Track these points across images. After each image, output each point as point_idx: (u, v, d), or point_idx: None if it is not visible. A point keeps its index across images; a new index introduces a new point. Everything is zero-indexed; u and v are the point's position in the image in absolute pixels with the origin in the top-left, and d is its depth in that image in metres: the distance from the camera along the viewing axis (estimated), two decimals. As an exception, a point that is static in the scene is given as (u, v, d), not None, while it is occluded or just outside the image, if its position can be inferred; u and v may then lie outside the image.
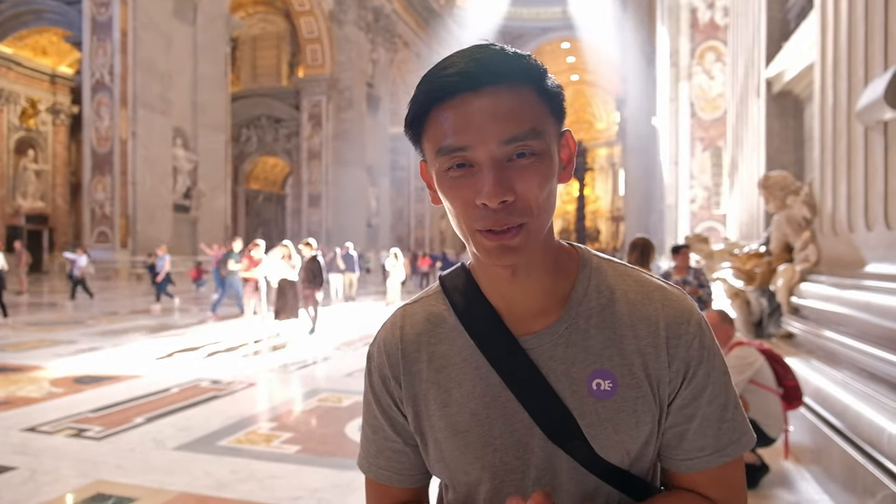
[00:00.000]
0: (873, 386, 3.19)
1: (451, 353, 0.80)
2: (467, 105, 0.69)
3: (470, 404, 0.77)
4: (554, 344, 0.76)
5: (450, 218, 0.75)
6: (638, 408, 0.75)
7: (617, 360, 0.75)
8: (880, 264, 3.52)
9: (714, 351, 0.78)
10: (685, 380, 0.76)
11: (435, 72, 0.72)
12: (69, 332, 9.67)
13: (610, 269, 0.82)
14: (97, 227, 20.86)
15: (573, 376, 0.75)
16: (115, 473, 3.59)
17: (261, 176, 36.68)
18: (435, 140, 0.72)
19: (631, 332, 0.76)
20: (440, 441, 0.79)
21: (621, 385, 0.75)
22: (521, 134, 0.69)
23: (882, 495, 2.61)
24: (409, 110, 0.75)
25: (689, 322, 0.77)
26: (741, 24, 8.71)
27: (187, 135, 23.03)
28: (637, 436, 0.75)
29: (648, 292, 0.79)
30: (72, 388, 5.84)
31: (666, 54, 16.66)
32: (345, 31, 31.90)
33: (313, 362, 7.52)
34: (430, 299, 0.85)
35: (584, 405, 0.75)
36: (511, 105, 0.69)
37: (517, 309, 0.78)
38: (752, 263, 6.05)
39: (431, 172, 0.75)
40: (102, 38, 20.92)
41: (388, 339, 0.84)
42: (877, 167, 3.56)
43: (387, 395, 0.83)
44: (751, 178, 7.58)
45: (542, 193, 0.71)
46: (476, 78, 0.69)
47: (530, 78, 0.72)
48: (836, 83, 4.21)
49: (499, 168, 0.69)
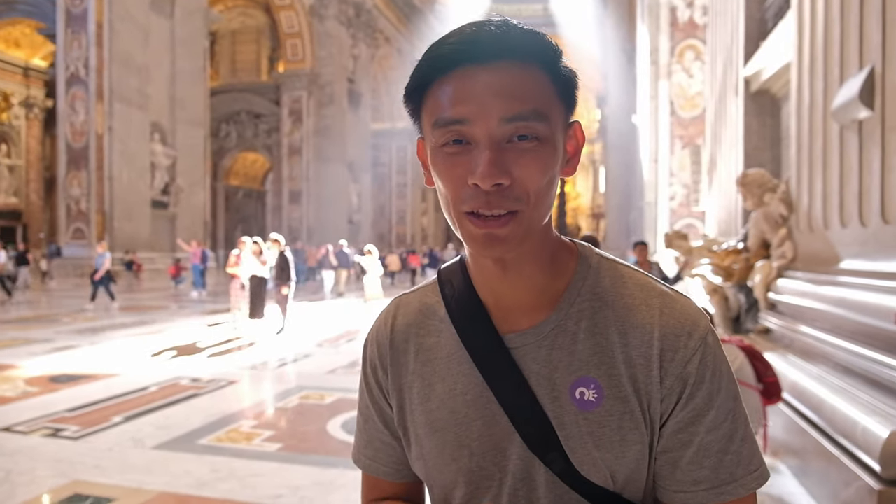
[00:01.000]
0: (848, 380, 3.26)
1: (437, 347, 0.77)
2: (470, 77, 0.65)
3: (450, 402, 0.73)
4: (538, 345, 0.71)
5: (440, 199, 0.71)
6: (624, 424, 0.68)
7: (604, 370, 0.69)
8: (854, 261, 3.59)
9: (721, 372, 0.69)
10: (680, 400, 0.68)
11: (440, 41, 0.68)
12: (44, 330, 9.51)
13: (611, 270, 0.75)
14: (73, 223, 20.51)
15: (555, 382, 0.70)
16: (92, 473, 3.54)
17: (241, 172, 36.32)
18: (433, 112, 0.67)
19: (621, 340, 0.69)
20: (420, 437, 0.75)
21: (607, 397, 0.68)
22: (525, 113, 0.64)
23: (856, 486, 2.67)
24: (410, 80, 0.70)
25: (689, 335, 0.68)
26: (720, 22, 8.80)
27: (165, 130, 22.72)
28: (621, 456, 0.68)
29: (648, 298, 0.71)
30: (47, 387, 5.75)
31: (646, 52, 16.80)
32: (325, 25, 31.66)
33: (295, 360, 7.48)
34: (426, 290, 0.82)
35: (565, 414, 0.69)
36: (517, 82, 0.64)
37: (506, 304, 0.73)
38: (730, 260, 6.13)
39: (427, 149, 0.71)
40: (77, 31, 20.53)
41: (380, 329, 0.82)
42: (852, 165, 3.62)
43: (376, 386, 0.80)
44: (729, 176, 7.68)
45: (542, 181, 0.66)
46: (482, 49, 0.65)
47: (542, 57, 0.67)
48: (813, 82, 4.27)
49: (497, 148, 0.64)
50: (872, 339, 3.10)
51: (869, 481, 2.57)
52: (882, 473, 2.53)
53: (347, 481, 3.52)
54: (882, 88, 3.22)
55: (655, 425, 0.69)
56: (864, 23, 3.45)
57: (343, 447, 4.13)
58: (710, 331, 0.70)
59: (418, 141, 0.75)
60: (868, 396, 2.96)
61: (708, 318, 0.71)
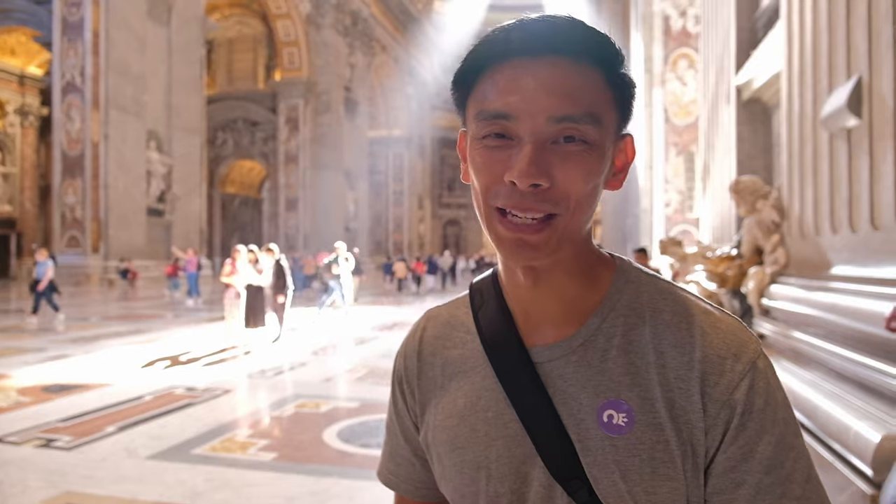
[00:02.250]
0: (841, 385, 3.27)
1: (462, 360, 0.72)
2: (522, 70, 0.60)
3: (471, 418, 0.68)
4: (565, 360, 0.65)
5: (473, 197, 0.66)
6: (655, 455, 0.60)
7: (637, 392, 0.62)
8: (845, 266, 3.62)
9: (776, 401, 0.61)
10: (728, 431, 0.60)
11: (494, 32, 0.63)
12: (37, 339, 9.47)
13: (651, 284, 0.68)
14: (67, 231, 20.50)
15: (582, 402, 0.63)
16: (85, 484, 3.53)
17: (237, 180, 36.34)
18: (478, 103, 0.63)
19: (658, 360, 0.63)
20: (441, 456, 0.70)
21: (638, 422, 0.61)
22: (576, 115, 0.59)
23: (850, 492, 2.68)
24: (461, 66, 0.65)
25: (736, 357, 0.61)
26: (711, 32, 8.87)
27: (161, 138, 22.75)
28: (651, 492, 0.60)
29: (690, 315, 0.64)
30: (40, 396, 5.73)
31: (640, 61, 16.88)
32: (322, 34, 31.79)
33: (290, 368, 7.47)
34: (457, 302, 0.78)
35: (590, 439, 0.62)
36: (571, 81, 0.60)
37: (534, 316, 0.68)
38: (724, 266, 6.15)
39: (468, 140, 0.66)
40: (73, 39, 20.60)
41: (408, 342, 0.79)
42: (841, 173, 3.66)
43: (401, 399, 0.77)
44: (722, 183, 7.72)
45: (584, 188, 0.61)
46: (539, 42, 0.60)
47: (602, 59, 0.62)
48: (802, 91, 4.31)
49: (540, 147, 0.59)
50: (864, 345, 3.12)
51: (862, 486, 2.58)
52: (874, 478, 2.55)
53: (342, 490, 3.52)
54: (869, 97, 3.26)
55: (699, 460, 0.60)
56: (851, 33, 3.49)
57: (339, 456, 4.12)
58: (760, 354, 0.63)
59: (461, 133, 0.70)
60: (860, 401, 2.98)
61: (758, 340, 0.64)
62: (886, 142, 3.09)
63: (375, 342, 9.80)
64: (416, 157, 44.71)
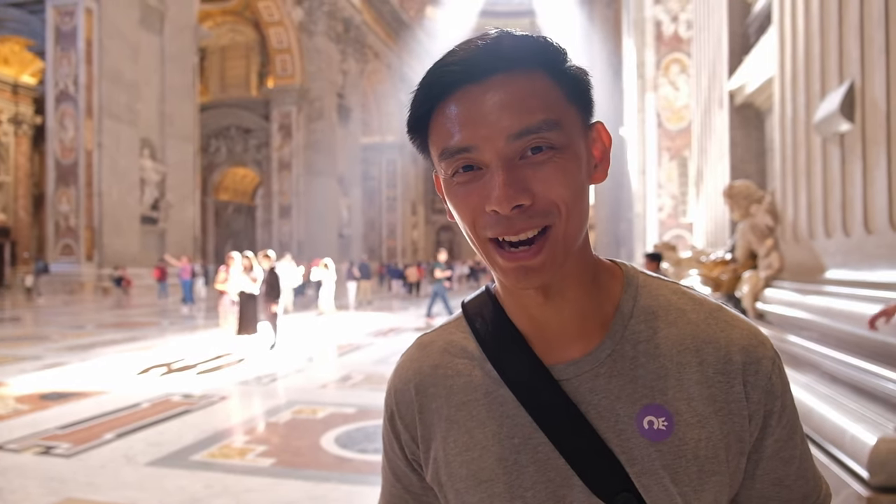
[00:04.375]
0: (836, 388, 3.30)
1: (471, 388, 0.68)
2: (469, 98, 0.59)
3: (495, 448, 0.65)
4: (594, 374, 0.63)
5: (463, 233, 0.64)
6: (701, 453, 0.61)
7: (673, 394, 0.62)
8: (839, 270, 3.65)
9: (787, 382, 0.65)
10: (772, 415, 0.63)
11: (435, 65, 0.62)
12: (34, 347, 9.43)
13: (660, 286, 0.69)
14: (61, 239, 20.42)
15: (619, 413, 0.62)
16: (85, 491, 3.52)
17: (230, 187, 36.29)
18: (438, 143, 0.62)
19: (695, 359, 0.63)
20: (461, 492, 0.66)
21: (679, 423, 0.61)
22: (534, 125, 0.58)
23: (845, 493, 2.70)
24: (409, 112, 0.64)
25: (764, 345, 0.64)
26: (704, 37, 8.95)
27: (155, 145, 22.72)
28: (700, 489, 0.61)
29: (711, 311, 0.66)
30: (38, 404, 5.71)
31: (632, 66, 17.00)
32: (315, 41, 31.85)
33: (286, 375, 7.46)
34: (449, 327, 0.73)
35: (634, 448, 0.61)
36: (519, 94, 0.58)
37: (549, 334, 0.66)
38: (718, 270, 6.20)
39: (442, 182, 0.65)
40: (66, 48, 20.59)
41: (399, 374, 0.73)
42: (834, 177, 3.70)
43: (393, 435, 0.72)
44: (716, 188, 7.77)
45: (568, 192, 0.59)
46: (478, 66, 0.59)
47: (542, 60, 0.61)
48: (795, 96, 4.36)
49: (509, 167, 0.58)
50: (858, 348, 3.15)
51: (858, 488, 2.61)
52: (870, 480, 2.57)
53: (341, 495, 3.52)
54: (862, 102, 3.30)
55: (744, 445, 0.63)
56: (843, 38, 3.54)
57: (336, 462, 4.13)
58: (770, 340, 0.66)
59: (434, 176, 0.68)
60: (855, 404, 3.01)
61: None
62: (879, 146, 3.13)
63: (370, 348, 9.80)
64: (409, 163, 44.78)
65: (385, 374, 7.46)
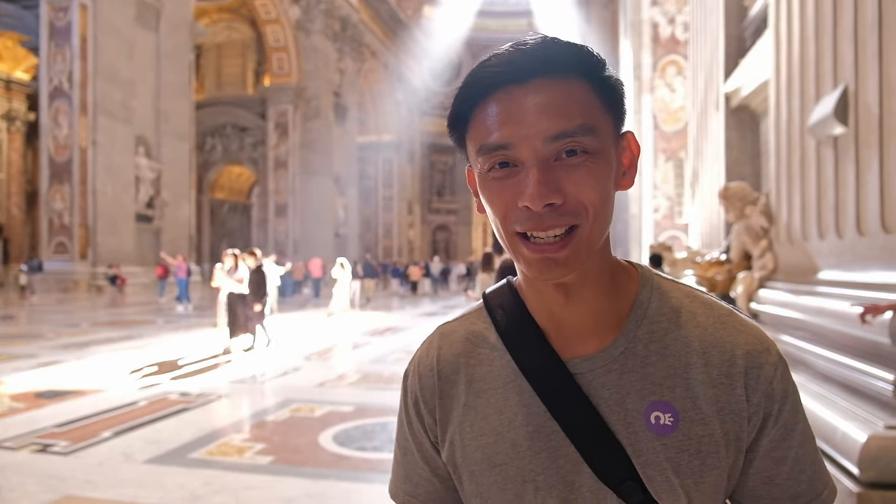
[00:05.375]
0: (827, 387, 3.35)
1: (491, 376, 0.72)
2: (510, 99, 0.63)
3: (510, 434, 0.69)
4: (607, 370, 0.68)
5: (492, 224, 0.68)
6: (703, 448, 0.65)
7: (680, 392, 0.66)
8: (832, 271, 3.70)
9: (795, 385, 0.69)
10: (770, 417, 0.67)
11: (478, 66, 0.66)
12: (29, 345, 9.41)
13: (674, 289, 0.72)
14: (55, 237, 20.34)
15: (628, 407, 0.66)
16: (84, 488, 3.54)
17: (226, 185, 36.20)
18: (477, 139, 0.65)
19: (701, 360, 0.67)
20: (476, 474, 0.70)
21: (684, 420, 0.65)
22: (571, 129, 0.62)
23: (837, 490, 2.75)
24: (451, 108, 0.68)
25: (768, 350, 0.68)
26: (700, 40, 9.01)
27: (150, 143, 22.65)
28: (700, 482, 0.65)
29: (720, 316, 0.70)
30: (34, 402, 5.71)
31: (629, 68, 17.05)
32: (311, 40, 31.81)
33: (283, 373, 7.47)
34: (471, 317, 0.77)
35: (640, 441, 0.65)
36: (559, 98, 0.62)
37: (566, 329, 0.70)
38: (713, 271, 6.25)
39: (476, 176, 0.68)
40: (61, 44, 20.49)
41: (423, 360, 0.76)
42: (828, 180, 3.75)
43: (417, 419, 0.76)
44: (711, 189, 7.83)
45: (597, 196, 0.63)
46: (521, 69, 0.63)
47: (583, 69, 0.64)
48: (790, 99, 4.41)
49: (544, 167, 0.62)
50: (850, 347, 3.20)
51: (848, 484, 2.65)
52: (861, 477, 2.62)
53: (339, 493, 3.55)
54: (855, 106, 3.35)
55: (742, 444, 0.67)
56: (837, 43, 3.59)
57: (335, 459, 4.16)
58: (776, 346, 0.70)
59: (467, 170, 0.72)
60: (847, 403, 3.06)
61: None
62: (872, 149, 3.18)
63: (367, 347, 9.82)
64: (405, 162, 44.75)
65: (382, 372, 7.49)
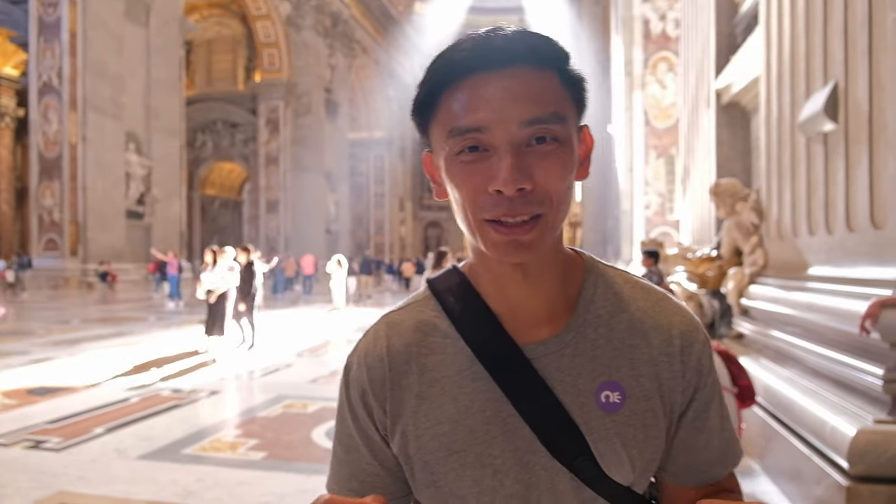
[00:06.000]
0: (817, 382, 3.39)
1: (444, 365, 0.72)
2: (485, 83, 0.64)
3: (467, 421, 0.70)
4: (560, 354, 0.70)
5: (455, 210, 0.69)
6: (647, 421, 0.70)
7: (625, 371, 0.71)
8: (822, 267, 3.73)
9: (713, 363, 0.76)
10: (697, 390, 0.73)
11: (449, 51, 0.67)
12: (19, 342, 9.34)
13: (615, 275, 0.77)
14: (45, 234, 20.18)
15: (580, 388, 0.69)
16: (77, 485, 3.53)
17: (217, 182, 36.01)
18: (446, 122, 0.66)
19: (643, 342, 0.72)
20: (431, 463, 0.70)
21: (630, 397, 0.70)
22: (544, 116, 0.64)
23: (826, 483, 2.78)
24: (420, 92, 0.68)
25: (698, 330, 0.74)
26: (692, 36, 9.04)
27: (140, 139, 22.49)
28: (644, 451, 0.70)
29: (657, 300, 0.75)
30: (25, 399, 5.68)
31: (620, 64, 17.09)
32: (302, 35, 31.66)
33: (276, 369, 7.47)
34: (417, 305, 0.76)
35: (592, 419, 0.69)
36: (534, 86, 0.64)
37: (521, 315, 0.72)
38: (704, 267, 6.28)
39: (438, 161, 0.69)
40: (50, 40, 20.30)
41: (370, 351, 0.75)
42: (818, 176, 3.78)
43: (364, 412, 0.74)
44: (702, 185, 7.87)
45: (562, 185, 0.65)
46: (496, 55, 0.64)
47: (554, 61, 0.67)
48: (780, 96, 4.44)
49: (517, 152, 0.63)
50: (840, 343, 3.23)
51: (838, 478, 2.68)
52: (850, 470, 2.65)
53: None
54: (845, 102, 3.38)
55: (674, 415, 0.73)
56: (828, 40, 3.62)
57: (327, 455, 4.12)
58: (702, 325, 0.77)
59: (425, 155, 0.73)
60: (836, 397, 3.09)
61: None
62: (861, 146, 3.21)
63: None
64: (396, 159, 44.68)
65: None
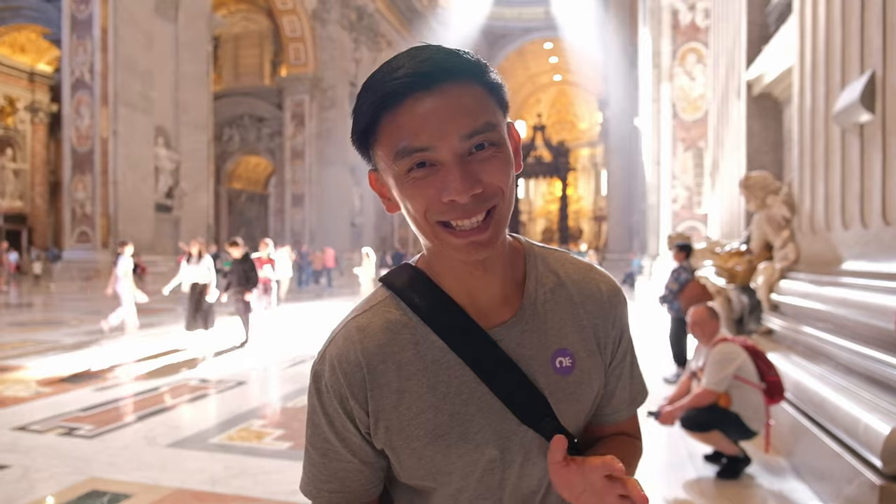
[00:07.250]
0: (850, 379, 3.31)
1: (418, 359, 0.78)
2: (421, 105, 0.69)
3: (447, 406, 0.76)
4: (521, 331, 0.79)
5: (409, 221, 0.75)
6: (593, 377, 0.82)
7: (572, 338, 0.81)
8: (857, 262, 3.64)
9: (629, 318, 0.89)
10: (620, 343, 0.86)
11: (382, 76, 0.71)
12: (53, 332, 9.58)
13: (549, 255, 0.87)
14: (77, 226, 20.61)
15: (539, 359, 0.79)
16: (108, 471, 3.61)
17: (243, 175, 36.41)
18: (390, 144, 0.71)
19: (582, 309, 0.83)
20: (418, 450, 0.77)
21: (578, 359, 0.81)
22: (480, 127, 0.70)
23: (858, 482, 2.72)
24: (360, 118, 0.73)
25: (619, 290, 0.87)
26: (722, 27, 8.87)
27: (169, 134, 22.83)
28: (591, 402, 0.83)
29: (586, 271, 0.87)
30: (59, 387, 5.82)
31: (648, 55, 16.85)
32: (328, 29, 31.78)
33: (302, 361, 7.54)
34: (381, 306, 0.81)
35: (552, 384, 0.79)
36: (464, 101, 0.70)
37: (482, 302, 0.80)
38: (733, 262, 6.18)
39: (387, 179, 0.75)
40: (82, 36, 20.66)
41: (343, 357, 0.78)
42: (853, 168, 3.68)
43: (343, 416, 0.78)
44: (732, 178, 7.73)
45: (507, 179, 0.73)
46: (427, 77, 0.69)
47: (476, 73, 0.72)
48: (815, 86, 4.33)
49: (462, 163, 0.70)
50: (874, 339, 3.15)
51: (871, 477, 2.63)
52: (884, 469, 2.59)
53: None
54: (883, 92, 3.28)
55: (607, 366, 0.85)
56: (865, 27, 3.52)
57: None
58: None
59: (370, 174, 0.80)
60: (869, 395, 3.02)
61: None
62: (899, 137, 3.11)
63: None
64: (421, 152, 44.62)
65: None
